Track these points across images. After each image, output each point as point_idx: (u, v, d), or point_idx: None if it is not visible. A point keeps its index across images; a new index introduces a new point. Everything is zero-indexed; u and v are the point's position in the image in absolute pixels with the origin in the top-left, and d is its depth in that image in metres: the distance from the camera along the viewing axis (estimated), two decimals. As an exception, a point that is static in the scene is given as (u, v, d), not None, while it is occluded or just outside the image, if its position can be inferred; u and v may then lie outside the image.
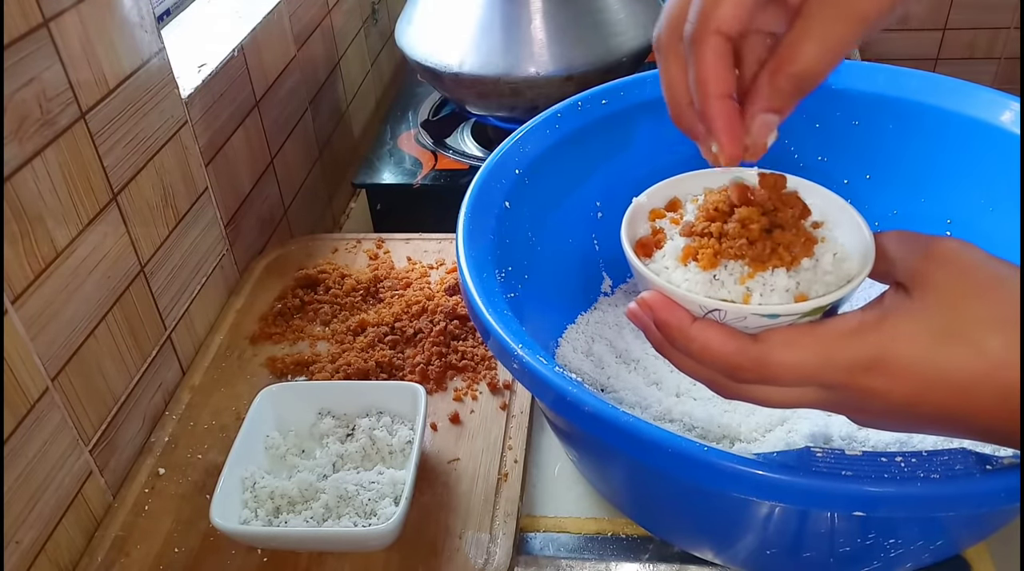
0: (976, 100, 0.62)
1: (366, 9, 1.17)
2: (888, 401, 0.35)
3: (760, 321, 0.36)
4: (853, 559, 0.46)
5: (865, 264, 0.38)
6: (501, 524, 0.55)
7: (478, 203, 0.56)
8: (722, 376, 0.38)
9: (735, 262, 0.37)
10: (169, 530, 0.57)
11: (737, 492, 0.39)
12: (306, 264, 0.81)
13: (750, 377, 0.36)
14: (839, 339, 0.35)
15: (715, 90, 0.37)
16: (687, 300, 0.37)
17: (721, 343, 0.36)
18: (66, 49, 0.54)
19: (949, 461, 0.37)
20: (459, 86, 0.91)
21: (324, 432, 0.61)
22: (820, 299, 0.36)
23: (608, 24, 0.89)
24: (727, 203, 0.39)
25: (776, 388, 0.37)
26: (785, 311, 0.36)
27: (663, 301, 0.37)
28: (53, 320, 0.54)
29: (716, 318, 0.37)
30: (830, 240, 0.39)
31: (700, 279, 0.38)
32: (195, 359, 0.71)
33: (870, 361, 0.34)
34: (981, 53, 1.85)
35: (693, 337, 0.37)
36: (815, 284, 0.37)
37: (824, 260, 0.38)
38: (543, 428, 0.65)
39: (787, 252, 0.37)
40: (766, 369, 0.36)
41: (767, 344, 0.36)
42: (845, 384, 0.35)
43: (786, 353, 0.35)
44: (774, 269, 0.37)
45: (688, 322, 0.37)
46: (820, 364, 0.35)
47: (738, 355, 0.36)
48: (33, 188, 0.51)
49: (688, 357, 0.38)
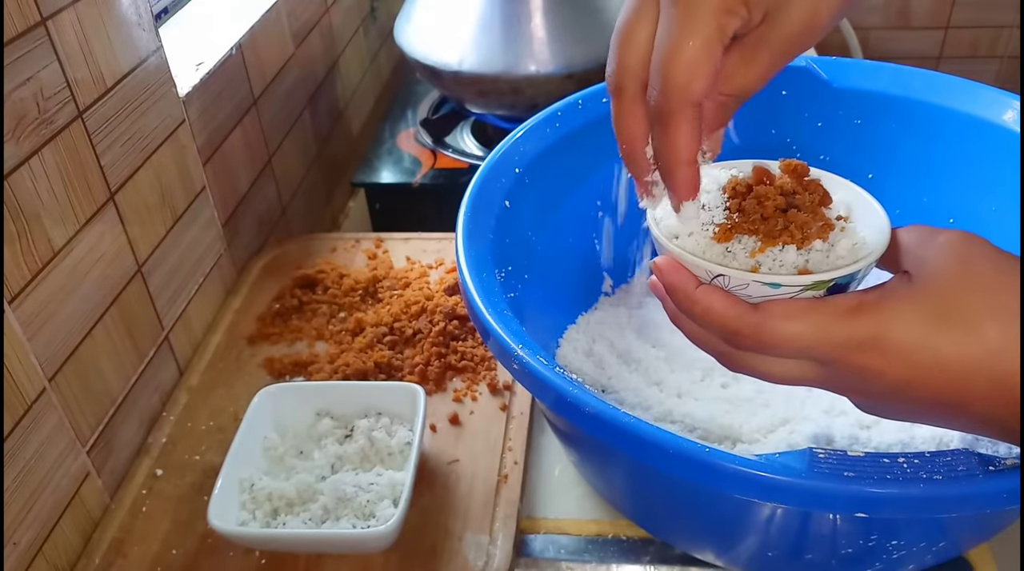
0: (978, 99, 0.62)
1: (365, 7, 1.17)
2: (883, 382, 0.35)
3: (762, 290, 0.37)
4: (855, 561, 0.45)
5: (875, 250, 0.38)
6: (501, 526, 0.55)
7: (478, 202, 0.55)
8: (723, 343, 0.39)
9: (748, 237, 0.39)
10: (167, 532, 0.57)
11: (739, 494, 0.39)
12: (304, 264, 0.80)
13: (748, 344, 0.38)
14: (837, 315, 0.36)
15: (686, 157, 0.38)
16: (694, 264, 0.39)
17: (722, 307, 0.37)
18: (64, 48, 0.54)
19: (952, 462, 0.37)
20: (458, 84, 0.90)
21: (322, 433, 0.60)
22: (822, 274, 0.37)
23: (609, 22, 0.89)
24: (745, 185, 0.40)
25: (774, 360, 0.38)
26: (787, 281, 0.37)
27: (672, 264, 0.39)
28: (50, 320, 0.53)
29: (721, 284, 0.38)
30: (850, 231, 0.39)
31: (714, 251, 0.39)
32: (192, 359, 0.71)
33: (866, 340, 0.35)
34: (983, 52, 1.85)
35: (696, 300, 0.38)
36: (825, 265, 0.38)
37: (840, 245, 0.38)
38: (543, 429, 0.64)
39: (799, 230, 0.38)
40: (763, 337, 0.37)
41: (766, 312, 0.37)
42: (841, 360, 0.36)
43: (783, 323, 0.36)
44: (784, 245, 0.38)
45: (693, 285, 0.39)
46: (816, 337, 0.36)
47: (737, 320, 0.37)
48: (30, 187, 0.51)
49: (693, 322, 0.40)
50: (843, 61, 0.67)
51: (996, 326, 0.34)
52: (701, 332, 0.40)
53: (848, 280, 0.38)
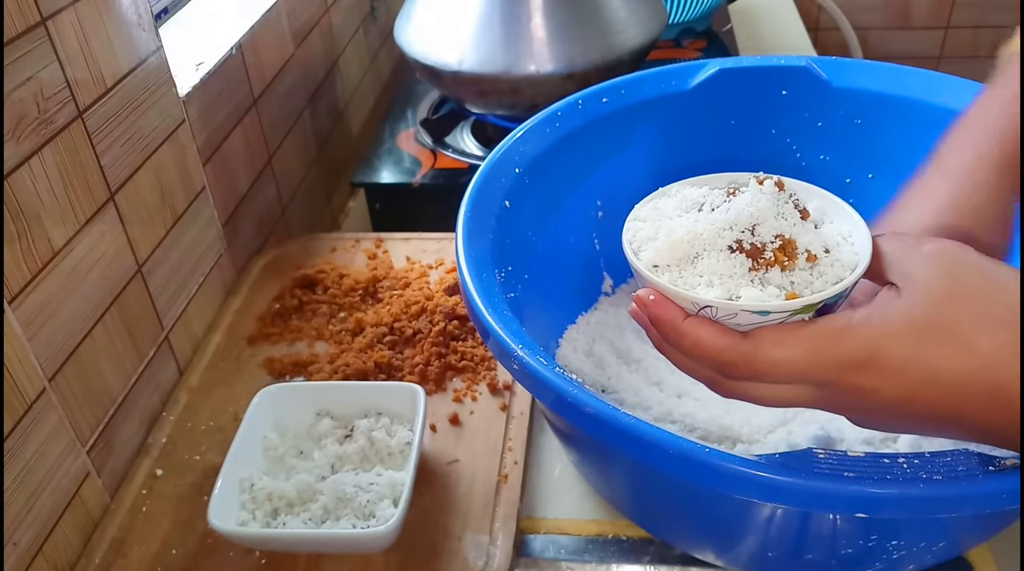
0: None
1: (365, 7, 1.17)
2: (879, 399, 0.35)
3: (751, 318, 0.37)
4: (855, 561, 0.45)
5: (859, 265, 0.38)
6: (501, 526, 0.55)
7: (478, 202, 0.55)
8: (716, 373, 0.38)
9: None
10: (167, 532, 0.57)
11: (739, 494, 0.39)
12: (304, 264, 0.80)
13: (741, 374, 0.37)
14: (828, 337, 0.35)
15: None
16: (679, 296, 0.38)
17: (711, 339, 0.37)
18: (64, 48, 0.54)
19: (952, 462, 0.37)
20: (458, 84, 0.90)
21: (322, 433, 0.60)
22: (810, 297, 0.36)
23: (609, 22, 0.89)
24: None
25: (768, 385, 0.37)
26: (775, 308, 0.36)
27: (657, 297, 0.38)
28: (50, 320, 0.53)
29: (709, 315, 0.37)
30: (834, 248, 0.39)
31: (694, 281, 0.38)
32: (192, 360, 0.71)
33: (860, 359, 0.35)
34: (984, 52, 1.85)
35: (684, 333, 0.37)
36: (810, 285, 0.37)
37: (823, 263, 0.38)
38: (543, 429, 0.64)
39: (781, 253, 0.37)
40: (755, 365, 0.36)
41: (756, 341, 0.36)
42: (835, 382, 0.36)
43: (775, 350, 0.36)
44: (768, 268, 0.37)
45: (680, 318, 0.38)
46: (809, 361, 0.36)
47: (728, 351, 0.36)
48: (30, 187, 0.51)
49: (682, 354, 0.39)
50: (843, 61, 0.67)
51: (988, 336, 0.33)
52: (690, 362, 0.39)
53: (836, 299, 0.37)
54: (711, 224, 0.38)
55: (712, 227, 0.38)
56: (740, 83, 0.67)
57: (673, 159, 0.48)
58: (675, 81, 0.67)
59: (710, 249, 0.38)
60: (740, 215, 0.38)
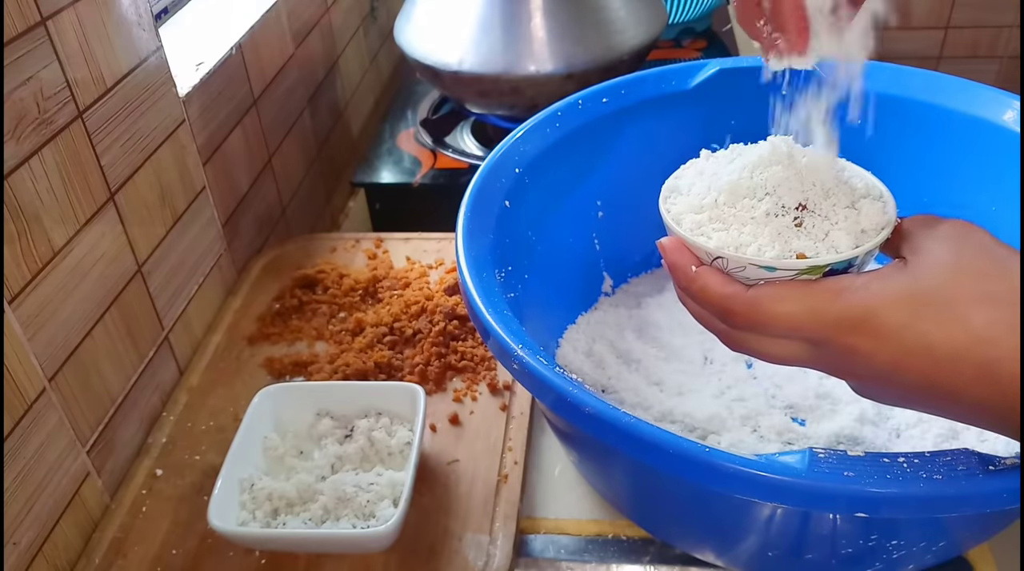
0: (978, 99, 0.62)
1: (365, 7, 1.17)
2: (873, 363, 0.36)
3: (758, 273, 0.39)
4: (855, 561, 0.45)
5: (872, 240, 0.39)
6: (501, 526, 0.55)
7: (478, 202, 0.55)
8: (720, 321, 0.40)
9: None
10: (167, 532, 0.57)
11: (739, 493, 0.39)
12: (304, 264, 0.80)
13: (740, 322, 0.39)
14: (827, 296, 0.37)
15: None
16: (695, 246, 0.40)
17: (717, 286, 0.39)
18: (64, 48, 0.54)
19: (952, 462, 0.37)
20: (458, 84, 0.90)
21: (322, 433, 0.60)
22: (816, 258, 0.38)
23: (609, 22, 0.89)
24: None
25: (770, 340, 0.39)
26: (782, 265, 0.38)
27: (675, 244, 0.41)
28: (50, 320, 0.53)
29: (720, 266, 0.40)
30: (851, 219, 0.40)
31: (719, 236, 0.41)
32: (192, 360, 0.71)
33: (855, 320, 0.36)
34: (983, 52, 1.85)
35: (693, 279, 0.40)
36: (820, 250, 0.39)
37: (837, 232, 0.39)
38: (543, 429, 0.64)
39: (802, 214, 0.40)
40: (755, 316, 0.38)
41: (758, 292, 0.38)
42: (830, 340, 0.37)
43: (775, 303, 0.38)
44: (786, 229, 0.39)
45: (693, 265, 0.40)
46: (805, 317, 0.37)
47: (730, 299, 0.39)
48: (30, 187, 0.51)
49: (692, 300, 0.41)
50: (843, 61, 0.67)
51: (983, 312, 0.34)
52: (701, 311, 0.42)
53: (844, 266, 0.39)
54: (738, 179, 0.41)
55: (739, 182, 0.41)
56: (740, 83, 0.67)
57: (674, 158, 0.48)
58: (675, 81, 0.67)
59: (734, 205, 0.41)
60: (768, 178, 0.40)
